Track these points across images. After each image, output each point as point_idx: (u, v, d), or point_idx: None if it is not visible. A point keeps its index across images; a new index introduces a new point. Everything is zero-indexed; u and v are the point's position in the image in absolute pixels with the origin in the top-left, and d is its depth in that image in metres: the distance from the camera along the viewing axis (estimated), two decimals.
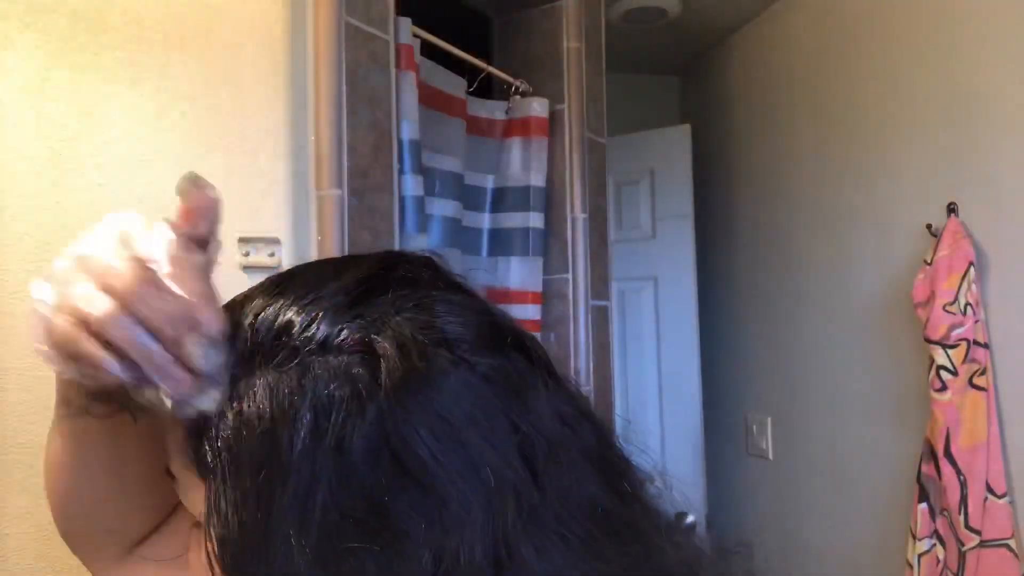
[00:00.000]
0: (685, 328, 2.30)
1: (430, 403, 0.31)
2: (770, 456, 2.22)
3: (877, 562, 1.81)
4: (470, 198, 1.62)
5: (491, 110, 1.67)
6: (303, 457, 0.30)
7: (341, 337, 0.31)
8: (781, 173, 2.20)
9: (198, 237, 0.34)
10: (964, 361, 1.46)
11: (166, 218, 0.35)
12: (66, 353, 0.32)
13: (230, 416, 0.32)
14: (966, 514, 1.43)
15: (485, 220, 1.66)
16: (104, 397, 0.38)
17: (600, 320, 1.72)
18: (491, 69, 1.64)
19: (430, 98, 1.47)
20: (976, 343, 1.47)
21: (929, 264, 1.54)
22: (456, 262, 1.56)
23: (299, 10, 1.11)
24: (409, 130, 1.29)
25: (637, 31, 2.34)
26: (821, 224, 2.02)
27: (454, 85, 1.55)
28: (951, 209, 1.56)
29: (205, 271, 0.33)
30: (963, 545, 1.43)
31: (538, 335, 1.64)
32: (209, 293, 0.32)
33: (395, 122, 1.24)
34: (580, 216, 1.68)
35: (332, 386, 0.30)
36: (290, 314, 0.32)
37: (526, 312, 1.62)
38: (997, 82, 1.50)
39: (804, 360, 2.09)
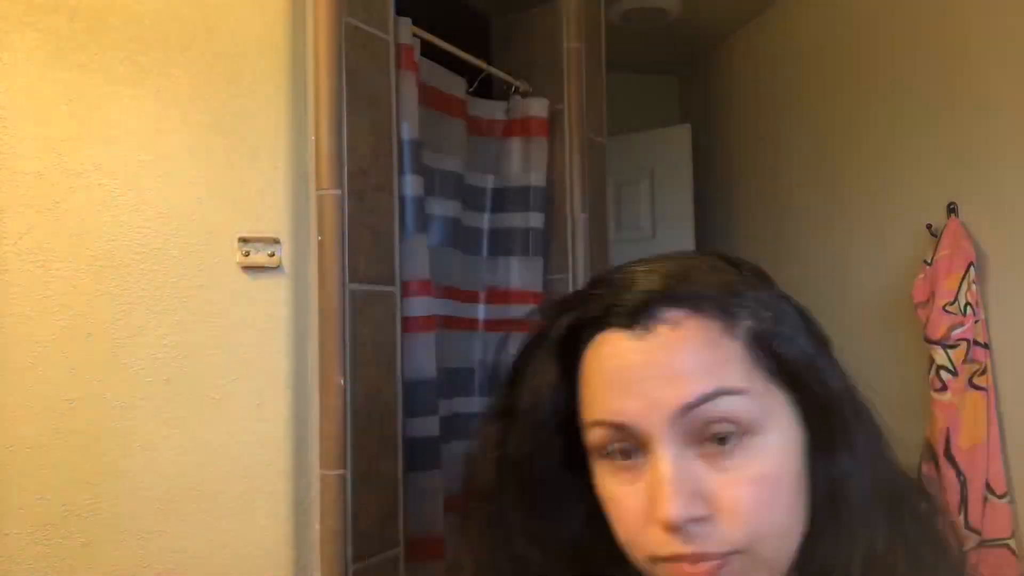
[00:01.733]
0: None
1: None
2: None
3: None
4: (470, 198, 1.62)
5: (491, 110, 1.67)
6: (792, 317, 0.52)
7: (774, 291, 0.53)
8: (781, 173, 2.20)
9: None
10: (964, 361, 1.46)
11: None
12: None
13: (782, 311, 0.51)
14: (966, 514, 1.43)
15: (485, 220, 1.66)
16: None
17: None
18: (491, 69, 1.64)
19: (430, 98, 1.47)
20: (976, 343, 1.47)
21: (929, 264, 1.54)
22: (456, 262, 1.56)
23: (299, 10, 1.11)
24: (409, 130, 1.29)
25: (637, 31, 2.34)
26: (821, 224, 2.02)
27: (454, 85, 1.55)
28: (951, 209, 1.56)
29: None
30: (963, 545, 1.43)
31: None
32: None
33: (395, 122, 1.24)
34: (580, 216, 1.68)
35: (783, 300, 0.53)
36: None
37: (526, 312, 1.62)
38: (997, 83, 1.50)
39: None
